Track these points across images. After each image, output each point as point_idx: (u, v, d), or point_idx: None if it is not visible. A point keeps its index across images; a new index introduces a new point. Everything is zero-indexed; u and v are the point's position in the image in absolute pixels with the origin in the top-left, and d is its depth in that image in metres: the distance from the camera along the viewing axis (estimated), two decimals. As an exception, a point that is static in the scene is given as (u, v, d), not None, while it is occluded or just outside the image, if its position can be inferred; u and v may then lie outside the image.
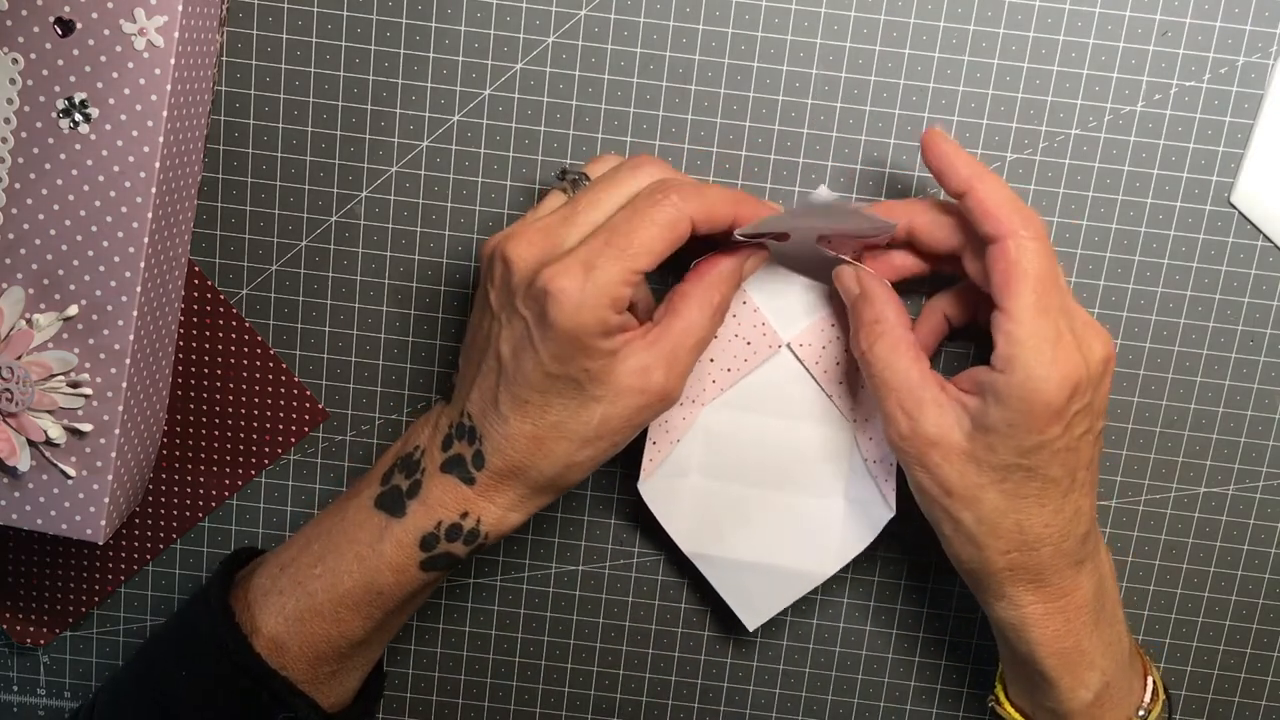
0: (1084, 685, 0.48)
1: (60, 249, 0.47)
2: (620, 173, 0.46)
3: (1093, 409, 0.45)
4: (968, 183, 0.45)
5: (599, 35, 0.51)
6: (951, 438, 0.45)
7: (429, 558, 0.47)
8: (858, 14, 0.50)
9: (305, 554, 0.48)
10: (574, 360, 0.43)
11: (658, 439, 0.52)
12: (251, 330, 0.54)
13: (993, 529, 0.46)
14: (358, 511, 0.48)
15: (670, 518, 0.53)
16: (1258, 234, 0.52)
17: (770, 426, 0.52)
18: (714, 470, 0.52)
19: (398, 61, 0.51)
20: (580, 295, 0.42)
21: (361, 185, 0.53)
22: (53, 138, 0.46)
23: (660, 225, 0.43)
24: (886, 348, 0.46)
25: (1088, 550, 0.47)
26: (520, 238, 0.44)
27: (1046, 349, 0.43)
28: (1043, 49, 0.50)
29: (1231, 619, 0.56)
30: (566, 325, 0.42)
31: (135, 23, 0.45)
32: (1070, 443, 0.44)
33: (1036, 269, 0.43)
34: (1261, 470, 0.54)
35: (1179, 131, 0.51)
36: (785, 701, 0.58)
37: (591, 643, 0.58)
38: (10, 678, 0.59)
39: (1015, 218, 0.44)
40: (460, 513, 0.46)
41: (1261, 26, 0.50)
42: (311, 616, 0.48)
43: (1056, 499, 0.45)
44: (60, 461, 0.48)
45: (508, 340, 0.44)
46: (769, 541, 0.52)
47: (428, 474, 0.47)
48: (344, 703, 0.51)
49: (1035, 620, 0.47)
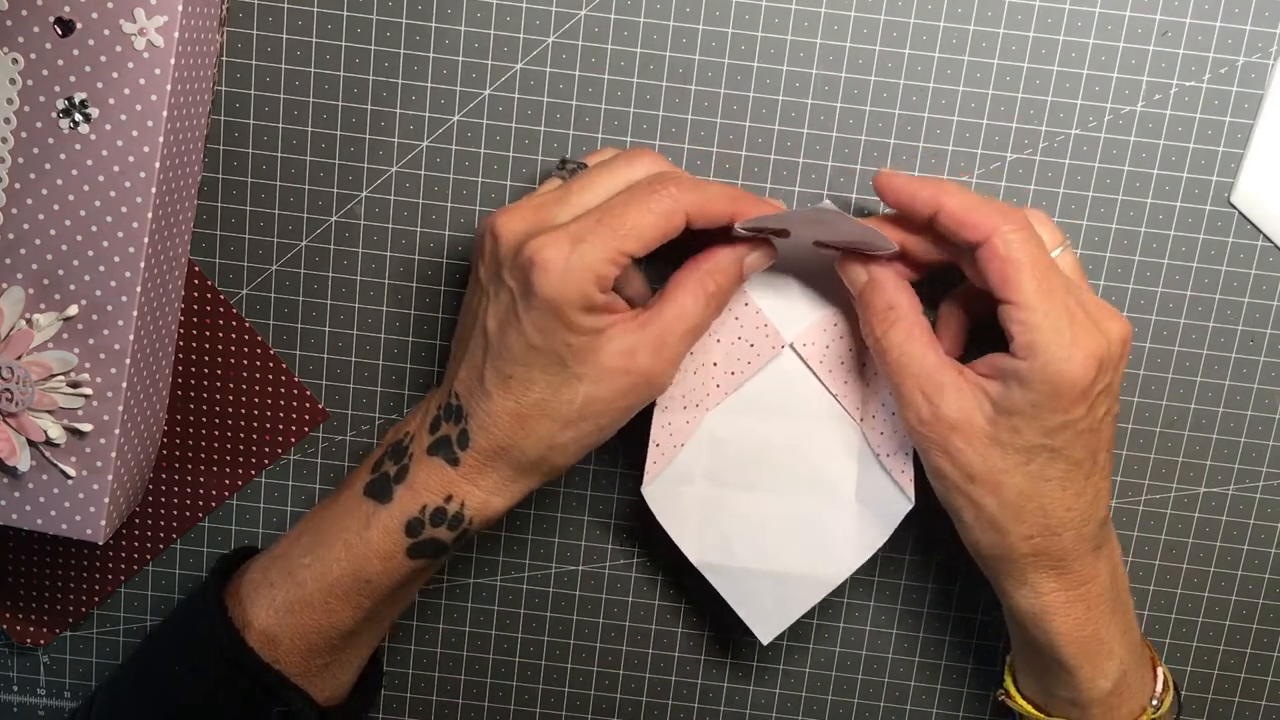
0: (1103, 674, 0.48)
1: (60, 249, 0.47)
2: (616, 161, 0.46)
3: (1112, 390, 0.45)
4: (934, 200, 0.45)
5: (599, 35, 0.51)
6: (974, 421, 0.45)
7: (415, 544, 0.47)
8: (858, 14, 0.50)
9: (295, 546, 0.49)
10: (555, 333, 0.43)
11: (660, 441, 0.51)
12: (251, 330, 0.54)
13: (1016, 513, 0.45)
14: (348, 500, 0.48)
15: (677, 526, 0.52)
16: (1258, 234, 0.52)
17: (776, 429, 0.51)
18: (721, 476, 0.52)
19: (398, 61, 0.51)
20: (565, 265, 0.42)
21: (361, 185, 0.53)
22: (53, 138, 0.46)
23: (655, 213, 0.43)
24: (902, 333, 0.46)
25: (1105, 534, 0.47)
26: (511, 213, 0.45)
27: (1065, 328, 0.43)
28: (1043, 49, 0.50)
29: (1231, 619, 0.56)
30: (548, 294, 0.42)
31: (135, 23, 0.45)
32: (1093, 423, 0.44)
33: (1029, 256, 0.44)
34: (1261, 470, 0.54)
35: (1179, 131, 0.51)
36: (785, 701, 0.58)
37: (591, 643, 0.58)
38: (10, 678, 0.59)
39: (993, 216, 0.44)
40: (444, 496, 0.46)
41: (1261, 26, 0.50)
42: (301, 607, 0.48)
43: (1079, 481, 0.45)
44: (60, 461, 0.48)
45: (494, 314, 0.45)
46: (780, 548, 0.52)
47: (414, 458, 0.47)
48: (339, 697, 0.51)
49: (1056, 608, 0.47)
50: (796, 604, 0.52)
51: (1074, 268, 0.47)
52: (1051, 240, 0.46)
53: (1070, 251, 0.47)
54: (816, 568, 0.51)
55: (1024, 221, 0.44)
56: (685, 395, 0.51)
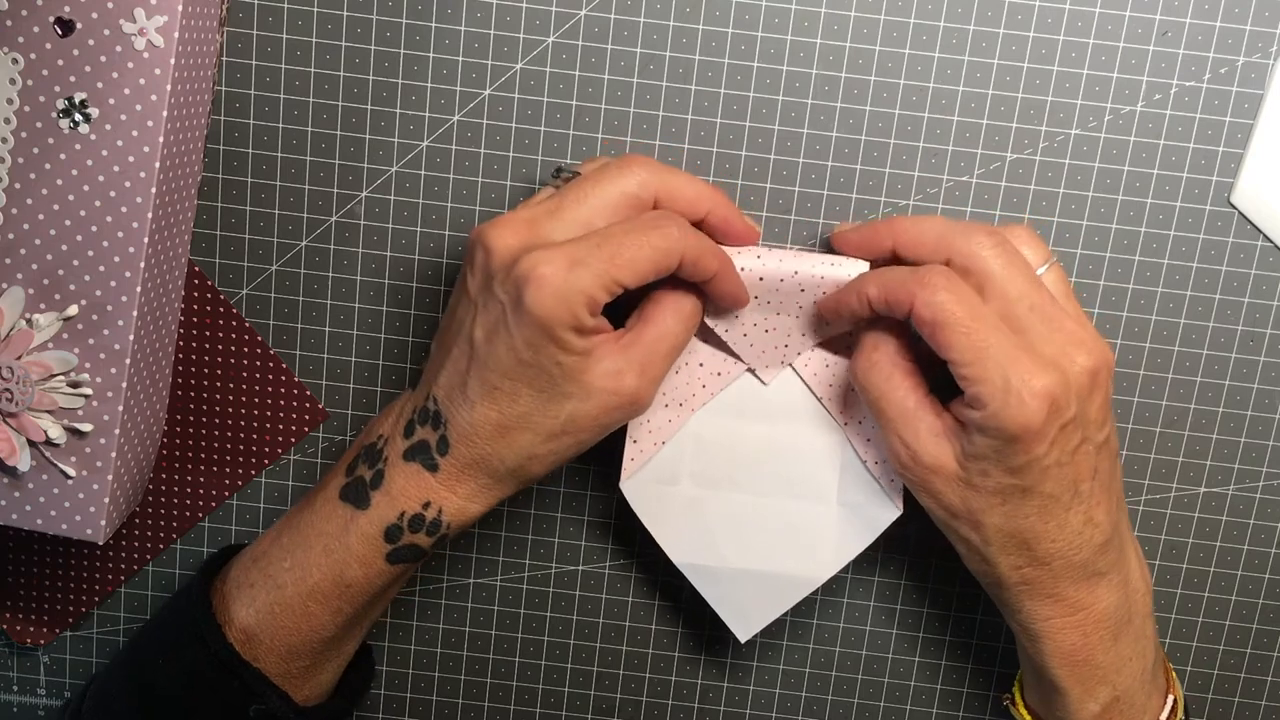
0: (1093, 698, 0.48)
1: (60, 249, 0.47)
2: (608, 170, 0.46)
3: (1085, 420, 0.44)
4: (861, 289, 0.46)
5: (599, 35, 0.51)
6: (948, 464, 0.45)
7: (394, 549, 0.47)
8: (858, 14, 0.50)
9: (275, 547, 0.49)
10: (545, 350, 0.43)
11: (639, 438, 0.51)
12: (251, 330, 0.54)
13: (1001, 548, 0.46)
14: (325, 504, 0.48)
15: (659, 525, 0.52)
16: (1258, 234, 0.52)
17: (761, 432, 0.51)
18: (704, 478, 0.52)
19: (398, 61, 0.51)
20: (560, 285, 0.42)
21: (361, 185, 0.53)
22: (53, 138, 0.46)
23: (654, 249, 0.44)
24: (881, 376, 0.47)
25: (1109, 561, 0.47)
26: (503, 226, 0.45)
27: (1003, 377, 0.43)
28: (1043, 49, 0.50)
29: (1231, 619, 0.56)
30: (540, 312, 0.42)
31: (135, 23, 0.45)
32: (1062, 457, 0.44)
33: (951, 314, 0.43)
34: (1261, 470, 0.54)
35: (1179, 131, 0.51)
36: (785, 701, 0.58)
37: (591, 643, 0.58)
38: (10, 678, 0.59)
39: (909, 286, 0.44)
40: (423, 503, 0.47)
41: (1261, 26, 0.50)
42: (281, 610, 0.48)
43: (1058, 514, 0.45)
44: (60, 461, 0.48)
45: (482, 324, 0.45)
46: (762, 548, 0.52)
47: (390, 463, 0.47)
48: (320, 697, 0.51)
49: (1050, 633, 0.47)
50: (776, 603, 0.52)
51: (1060, 286, 0.47)
52: (1036, 258, 0.46)
53: (1057, 269, 0.47)
54: (798, 568, 0.52)
55: (939, 281, 0.44)
56: (667, 393, 0.51)
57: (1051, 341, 0.44)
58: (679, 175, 0.46)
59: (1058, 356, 0.44)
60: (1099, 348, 0.45)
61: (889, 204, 0.52)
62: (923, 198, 0.52)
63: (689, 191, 0.46)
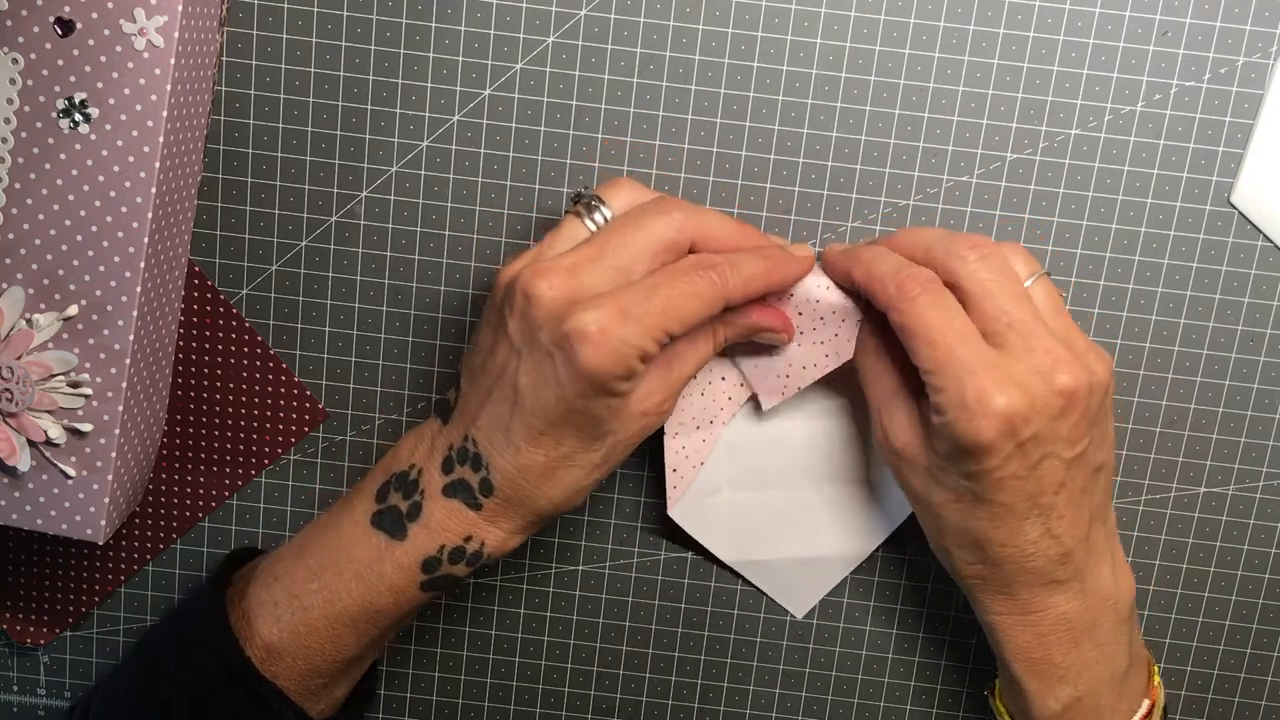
0: (1053, 696, 0.48)
1: (60, 249, 0.47)
2: (647, 216, 0.45)
3: (1052, 438, 0.44)
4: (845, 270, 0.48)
5: (599, 35, 0.51)
6: (916, 453, 0.47)
7: (430, 579, 0.47)
8: (858, 14, 0.50)
9: (299, 566, 0.48)
10: (597, 400, 0.44)
11: (678, 465, 0.52)
12: (251, 330, 0.54)
13: (957, 541, 0.47)
14: (353, 529, 0.48)
15: (708, 535, 0.54)
16: (1258, 234, 0.52)
17: (787, 428, 0.53)
18: (743, 482, 0.54)
19: (398, 61, 0.51)
20: (614, 341, 0.43)
21: (361, 185, 0.53)
22: (53, 138, 0.46)
23: (702, 300, 0.44)
24: (872, 359, 0.48)
25: (1069, 571, 0.47)
26: (547, 274, 0.44)
27: (962, 392, 0.43)
28: (1043, 49, 0.50)
29: (1231, 619, 0.56)
30: (597, 368, 0.43)
31: (135, 23, 0.45)
32: (1019, 471, 0.44)
33: (917, 323, 0.44)
34: (1261, 470, 0.54)
35: (1179, 131, 0.51)
36: (785, 701, 0.58)
37: (591, 643, 0.58)
38: (10, 678, 0.59)
39: (886, 284, 0.45)
40: (464, 536, 0.47)
41: (1261, 26, 0.50)
42: (307, 632, 0.48)
43: (1012, 522, 0.45)
44: (60, 461, 0.48)
45: (528, 373, 0.44)
46: (805, 535, 0.54)
47: (428, 496, 0.47)
48: (332, 709, 0.51)
49: (1003, 628, 0.48)
50: (825, 582, 0.56)
51: (1048, 300, 0.46)
52: (1025, 270, 0.47)
53: (1045, 282, 0.47)
54: (842, 548, 0.55)
55: (914, 290, 0.45)
56: (695, 417, 0.52)
57: (1025, 360, 0.44)
58: (713, 216, 0.46)
59: (1027, 375, 0.44)
60: (1083, 367, 0.45)
61: (889, 204, 0.52)
62: (923, 198, 0.52)
63: (722, 233, 0.46)
